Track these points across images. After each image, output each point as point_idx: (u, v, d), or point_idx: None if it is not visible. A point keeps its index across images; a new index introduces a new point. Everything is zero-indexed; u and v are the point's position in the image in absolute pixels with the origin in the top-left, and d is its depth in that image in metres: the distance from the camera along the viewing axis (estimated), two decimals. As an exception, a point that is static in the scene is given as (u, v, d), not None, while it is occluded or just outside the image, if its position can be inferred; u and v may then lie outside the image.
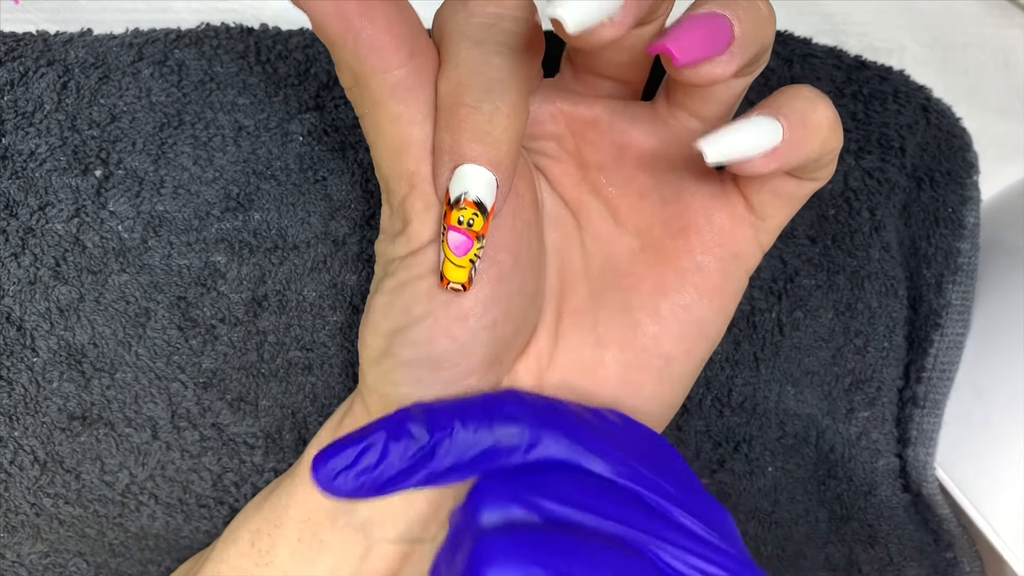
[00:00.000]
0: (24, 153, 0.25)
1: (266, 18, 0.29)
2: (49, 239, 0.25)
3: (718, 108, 0.22)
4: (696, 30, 0.18)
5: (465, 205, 0.19)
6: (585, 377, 0.24)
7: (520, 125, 0.19)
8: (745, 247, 0.23)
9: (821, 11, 0.36)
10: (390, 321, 0.21)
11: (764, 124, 0.19)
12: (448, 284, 0.20)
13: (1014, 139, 0.38)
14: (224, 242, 0.26)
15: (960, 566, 0.33)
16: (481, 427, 0.20)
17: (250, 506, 0.26)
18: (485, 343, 0.21)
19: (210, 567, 0.25)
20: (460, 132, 0.19)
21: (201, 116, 0.26)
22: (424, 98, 0.19)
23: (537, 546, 0.18)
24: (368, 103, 0.19)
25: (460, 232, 0.19)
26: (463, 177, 0.19)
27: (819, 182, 0.22)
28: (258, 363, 0.26)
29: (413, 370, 0.22)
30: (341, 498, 0.21)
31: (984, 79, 0.38)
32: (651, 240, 0.23)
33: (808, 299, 0.30)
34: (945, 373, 0.33)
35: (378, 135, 0.20)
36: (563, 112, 0.23)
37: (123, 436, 0.26)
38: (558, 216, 0.24)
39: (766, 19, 0.19)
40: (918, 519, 0.33)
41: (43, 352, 0.25)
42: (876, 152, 0.31)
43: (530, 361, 0.24)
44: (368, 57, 0.18)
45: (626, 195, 0.24)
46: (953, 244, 0.32)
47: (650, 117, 0.23)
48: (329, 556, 0.24)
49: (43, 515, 0.26)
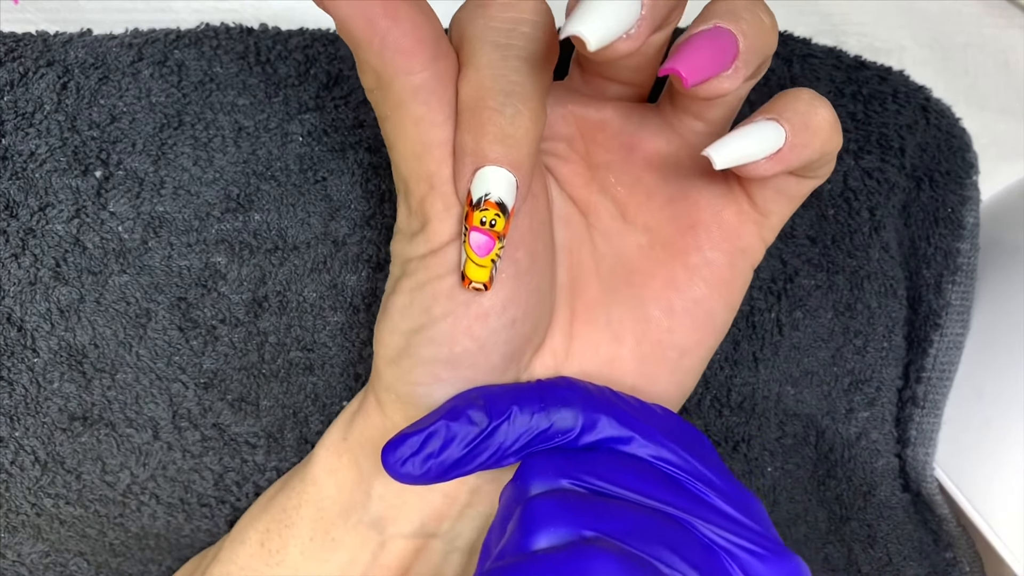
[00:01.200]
0: (24, 154, 0.25)
1: (266, 18, 0.29)
2: (49, 240, 0.25)
3: (722, 112, 0.22)
4: (703, 49, 0.18)
5: (487, 206, 0.19)
6: (602, 371, 0.24)
7: (539, 127, 0.20)
8: (750, 242, 0.24)
9: (821, 11, 0.36)
10: (409, 320, 0.22)
11: (767, 129, 0.20)
12: (470, 284, 0.20)
13: (1014, 139, 0.38)
14: (224, 243, 0.26)
15: (959, 566, 0.33)
16: (538, 412, 0.21)
17: (255, 507, 0.26)
18: (505, 341, 0.22)
19: (219, 568, 0.25)
20: (482, 134, 0.19)
21: (201, 117, 0.26)
22: (446, 100, 0.20)
23: (585, 509, 0.19)
24: (391, 105, 0.20)
25: (483, 233, 0.20)
26: (485, 178, 0.19)
27: (819, 179, 0.23)
28: (259, 363, 0.26)
29: (432, 369, 0.22)
30: (411, 483, 0.21)
31: (984, 79, 0.38)
32: (660, 237, 0.24)
33: (808, 299, 0.30)
34: (945, 373, 0.33)
35: (400, 137, 0.20)
36: (574, 114, 0.23)
37: (124, 436, 0.26)
38: (567, 215, 0.24)
39: (769, 30, 0.20)
40: (917, 519, 0.33)
41: (44, 353, 0.25)
42: (876, 152, 0.31)
43: (546, 358, 0.24)
44: (393, 59, 0.19)
45: (635, 194, 0.24)
46: (952, 244, 0.32)
47: (657, 120, 0.23)
48: (342, 553, 0.24)
49: (44, 515, 0.26)
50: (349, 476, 0.25)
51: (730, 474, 0.22)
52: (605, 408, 0.21)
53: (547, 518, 0.19)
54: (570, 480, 0.20)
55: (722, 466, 0.22)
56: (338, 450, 0.25)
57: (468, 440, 0.21)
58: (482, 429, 0.21)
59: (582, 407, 0.21)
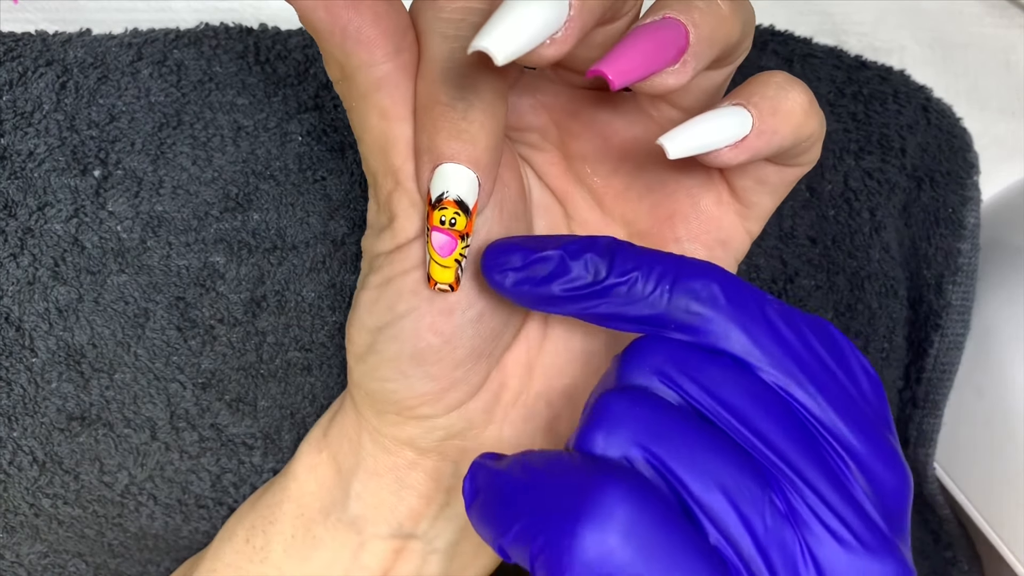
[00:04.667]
0: (23, 153, 0.25)
1: (265, 18, 0.29)
2: (48, 239, 0.25)
3: (698, 99, 0.21)
4: (639, 46, 0.17)
5: (446, 205, 0.19)
6: (578, 365, 0.23)
7: (498, 120, 0.19)
8: (732, 234, 0.23)
9: (821, 11, 0.36)
10: (375, 317, 0.21)
11: (730, 115, 0.18)
12: (436, 285, 0.20)
13: (1014, 139, 0.38)
14: (223, 242, 0.26)
15: (959, 565, 0.33)
16: (660, 289, 0.18)
17: (245, 504, 0.26)
18: (471, 336, 0.21)
19: (207, 564, 0.25)
20: (436, 131, 0.19)
21: (200, 116, 0.26)
22: (411, 95, 0.19)
23: (656, 423, 0.17)
24: (355, 97, 0.19)
25: (443, 232, 0.19)
26: (443, 176, 0.19)
27: (803, 167, 0.21)
28: (257, 363, 0.26)
29: (398, 365, 0.21)
30: (498, 291, 0.20)
31: (984, 79, 0.38)
32: (638, 228, 0.23)
33: (808, 300, 0.30)
34: (945, 374, 0.33)
35: (365, 129, 0.20)
36: (544, 104, 0.23)
37: (122, 437, 0.26)
38: (546, 205, 0.24)
39: (727, 18, 0.18)
40: (918, 519, 0.33)
41: (42, 352, 0.25)
42: (876, 152, 0.30)
43: (519, 352, 0.23)
44: (355, 50, 0.18)
45: (611, 184, 0.23)
46: (953, 244, 0.32)
47: (632, 107, 0.22)
48: (322, 552, 0.24)
49: (42, 515, 0.26)
50: (328, 473, 0.24)
51: (883, 438, 0.18)
52: (746, 321, 0.18)
53: (610, 420, 0.17)
54: (667, 382, 0.18)
55: (880, 427, 0.18)
56: (318, 447, 0.25)
57: (574, 286, 0.19)
58: (593, 280, 0.19)
59: (715, 307, 0.18)
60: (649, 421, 0.17)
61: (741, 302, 0.19)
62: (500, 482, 0.17)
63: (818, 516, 0.17)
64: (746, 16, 0.19)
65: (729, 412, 0.18)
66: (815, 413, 0.18)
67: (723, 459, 0.17)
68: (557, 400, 0.24)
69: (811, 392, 0.18)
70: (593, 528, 0.15)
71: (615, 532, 0.15)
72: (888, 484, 0.18)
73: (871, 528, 0.17)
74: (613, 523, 0.15)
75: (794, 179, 0.22)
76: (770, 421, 0.17)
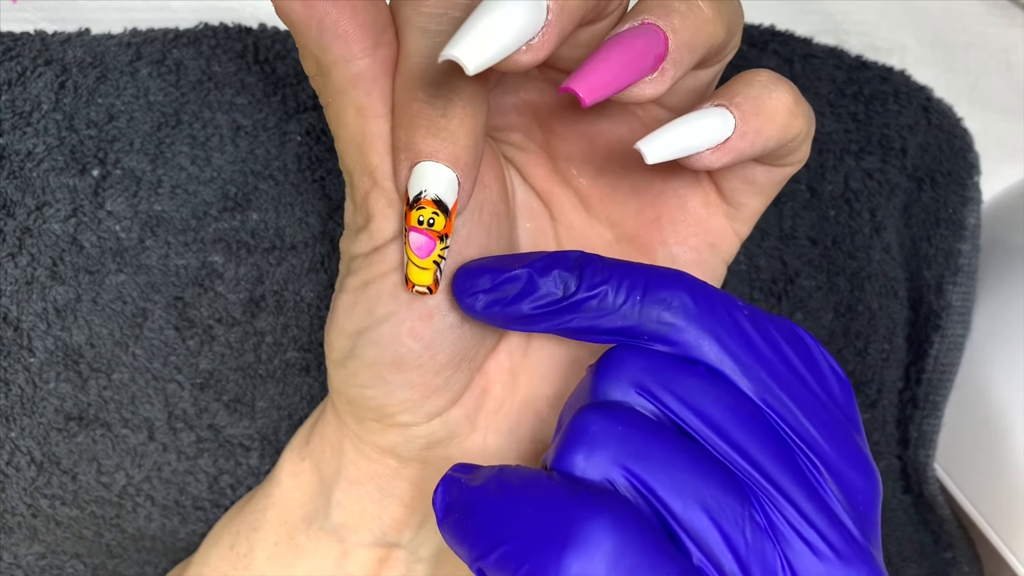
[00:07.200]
0: (21, 153, 0.25)
1: (264, 18, 0.29)
2: (46, 239, 0.25)
3: (686, 98, 0.21)
4: (611, 59, 0.16)
5: (424, 204, 0.18)
6: (562, 372, 0.23)
7: (478, 118, 0.18)
8: (721, 236, 0.22)
9: (822, 10, 0.36)
10: (354, 321, 0.21)
11: (710, 116, 0.18)
12: (413, 288, 0.19)
13: (1015, 139, 0.38)
14: (222, 242, 0.26)
15: (959, 566, 0.33)
16: (631, 301, 0.18)
17: (233, 508, 0.26)
18: (452, 341, 0.21)
19: (194, 569, 0.25)
20: (414, 129, 0.18)
21: (199, 116, 0.26)
22: (389, 91, 0.18)
23: (636, 442, 0.17)
24: (331, 93, 0.19)
25: (421, 233, 0.19)
26: (421, 175, 0.18)
27: (792, 167, 0.21)
28: (255, 364, 0.26)
29: (378, 371, 0.21)
30: (471, 316, 0.20)
31: (985, 79, 0.38)
32: (625, 231, 0.23)
33: (808, 300, 0.30)
34: (945, 375, 0.33)
35: (342, 126, 0.19)
36: (527, 103, 0.22)
37: (120, 437, 0.26)
38: (531, 207, 0.23)
39: (709, 20, 0.18)
40: (918, 520, 0.33)
41: (40, 352, 0.25)
42: (877, 153, 0.30)
43: (502, 358, 0.23)
44: (331, 45, 0.18)
45: (597, 186, 0.23)
46: (954, 245, 0.32)
47: (618, 106, 0.22)
48: (305, 560, 0.24)
49: (40, 516, 0.26)
50: (311, 481, 0.24)
51: (851, 439, 0.18)
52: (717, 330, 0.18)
53: (590, 440, 0.17)
54: (644, 394, 0.18)
55: (847, 426, 0.19)
56: (301, 454, 0.25)
57: (544, 303, 0.19)
58: (563, 296, 0.18)
59: (689, 320, 0.18)
60: (629, 440, 0.17)
61: (711, 310, 0.18)
62: (475, 500, 0.17)
63: (795, 529, 0.17)
64: (731, 16, 0.18)
65: (707, 425, 0.18)
66: (788, 420, 0.18)
67: (703, 476, 0.17)
68: (543, 408, 0.23)
69: (783, 399, 0.18)
70: (581, 558, 0.15)
71: (603, 562, 0.15)
72: (858, 487, 0.18)
73: (845, 537, 0.17)
74: (600, 553, 0.15)
75: (783, 179, 0.21)
76: (747, 432, 0.18)
